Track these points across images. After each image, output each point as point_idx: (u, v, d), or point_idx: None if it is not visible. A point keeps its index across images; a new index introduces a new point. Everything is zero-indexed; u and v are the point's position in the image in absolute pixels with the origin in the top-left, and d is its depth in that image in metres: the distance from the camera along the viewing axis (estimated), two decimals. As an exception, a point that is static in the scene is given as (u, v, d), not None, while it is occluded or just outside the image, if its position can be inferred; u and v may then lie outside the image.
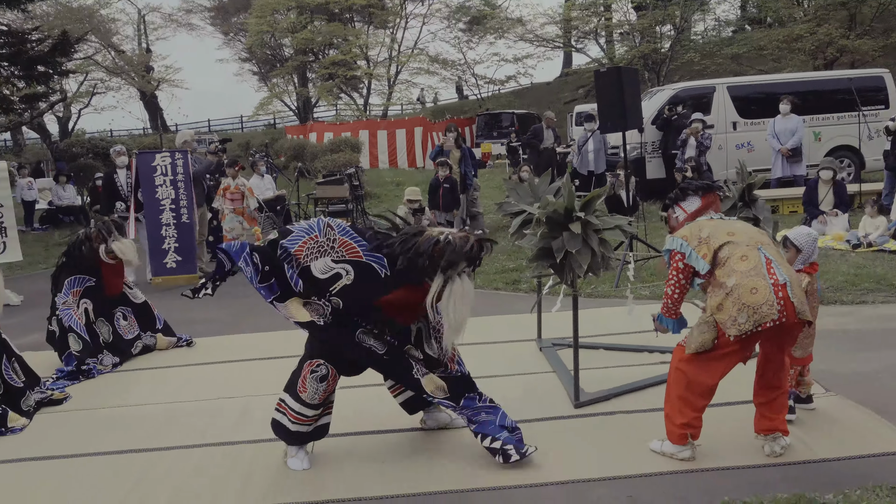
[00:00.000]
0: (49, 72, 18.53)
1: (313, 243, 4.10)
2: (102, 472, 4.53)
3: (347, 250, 4.10)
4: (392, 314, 4.24)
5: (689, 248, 4.19)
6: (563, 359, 5.98)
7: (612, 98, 9.06)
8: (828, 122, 14.65)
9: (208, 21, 42.43)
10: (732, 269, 4.03)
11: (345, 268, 4.08)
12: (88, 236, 6.83)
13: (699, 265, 4.15)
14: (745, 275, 3.97)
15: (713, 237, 4.17)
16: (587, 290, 8.28)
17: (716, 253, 4.12)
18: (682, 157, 13.10)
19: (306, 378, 4.34)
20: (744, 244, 4.11)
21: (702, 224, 4.33)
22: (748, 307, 3.90)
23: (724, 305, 3.99)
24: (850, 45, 23.92)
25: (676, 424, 4.22)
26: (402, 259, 4.02)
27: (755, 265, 4.00)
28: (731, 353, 4.09)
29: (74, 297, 6.73)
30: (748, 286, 3.93)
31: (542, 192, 5.67)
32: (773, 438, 4.26)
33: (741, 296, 3.93)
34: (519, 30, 33.48)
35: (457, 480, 4.17)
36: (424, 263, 3.97)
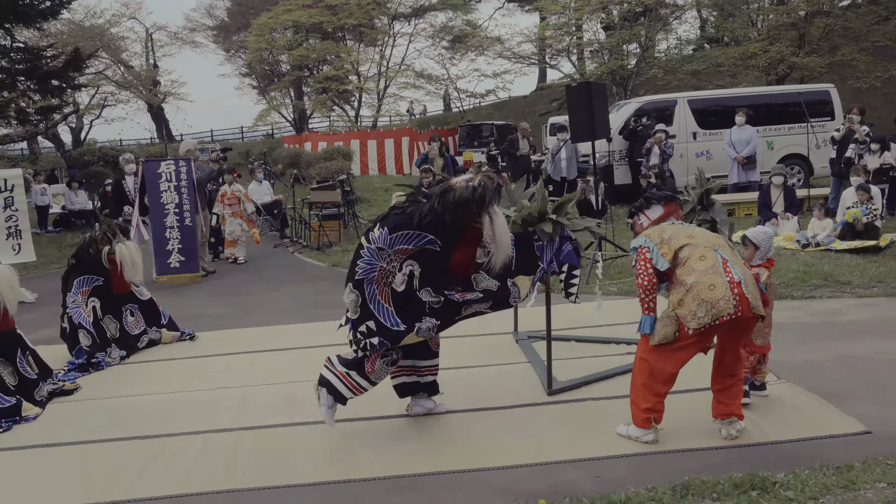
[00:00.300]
0: (62, 86, 18.42)
1: (382, 272, 4.21)
2: (112, 458, 4.48)
3: (403, 254, 4.20)
4: (458, 271, 4.33)
5: (653, 245, 4.23)
6: (537, 350, 5.98)
7: (582, 111, 9.05)
8: (779, 132, 14.73)
9: (211, 39, 42.28)
10: (692, 268, 4.07)
11: (410, 265, 4.21)
12: (94, 239, 6.76)
13: (660, 263, 4.17)
14: (704, 273, 4.02)
15: (674, 239, 4.21)
16: (559, 286, 8.25)
17: (676, 253, 4.16)
18: (647, 164, 13.14)
19: (376, 361, 4.40)
20: (702, 246, 4.16)
21: (664, 227, 4.37)
22: (706, 302, 3.94)
23: (684, 301, 4.03)
24: (800, 62, 24.05)
25: (641, 409, 4.23)
26: (448, 216, 4.15)
27: (713, 264, 4.05)
28: (691, 345, 4.11)
29: (83, 295, 6.66)
30: (706, 283, 3.98)
31: (518, 196, 5.66)
32: (729, 422, 4.28)
33: (700, 292, 3.97)
34: (498, 47, 33.46)
35: (439, 463, 4.16)
36: (472, 210, 4.17)
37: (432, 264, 4.24)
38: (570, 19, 28.95)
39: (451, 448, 4.35)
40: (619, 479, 3.83)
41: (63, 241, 15.00)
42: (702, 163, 13.72)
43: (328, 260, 11.39)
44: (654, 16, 27.60)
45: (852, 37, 25.22)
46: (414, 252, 4.21)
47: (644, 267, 4.26)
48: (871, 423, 4.34)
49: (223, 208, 11.64)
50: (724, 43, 30.02)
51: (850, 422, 4.37)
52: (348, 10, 32.38)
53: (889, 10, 24.74)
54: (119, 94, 37.34)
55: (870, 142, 11.32)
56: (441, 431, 4.61)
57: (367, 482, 3.99)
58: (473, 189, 4.15)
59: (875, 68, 24.33)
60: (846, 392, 4.86)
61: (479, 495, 3.79)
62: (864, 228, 9.47)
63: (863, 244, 9.23)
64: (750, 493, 3.52)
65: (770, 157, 14.26)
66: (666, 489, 3.62)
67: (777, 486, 3.57)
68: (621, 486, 3.73)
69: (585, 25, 29.34)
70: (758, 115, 14.08)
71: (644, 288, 4.26)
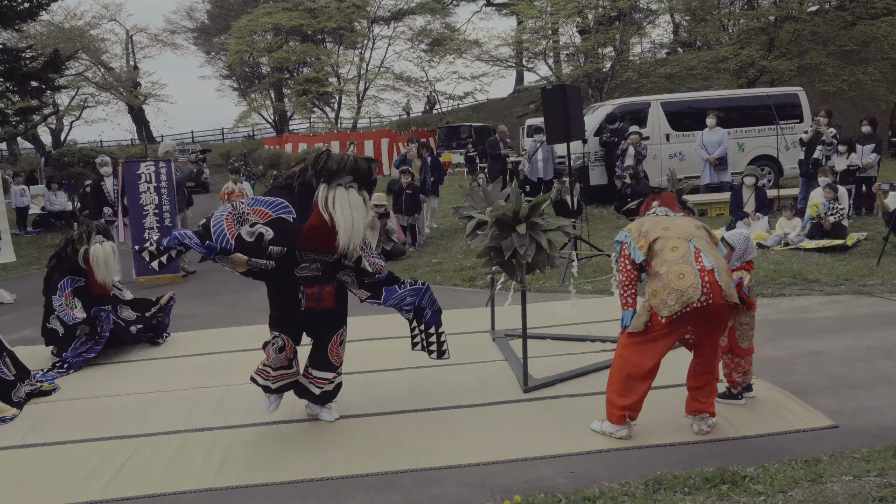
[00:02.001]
0: (42, 87, 18.17)
1: (232, 217, 4.31)
2: (89, 458, 4.41)
3: (260, 216, 4.31)
4: (312, 244, 4.40)
5: (631, 239, 4.31)
6: (513, 348, 5.98)
7: (557, 112, 9.06)
8: (750, 134, 14.85)
9: (191, 41, 41.99)
10: (664, 259, 4.13)
11: (264, 228, 4.29)
12: (72, 239, 6.66)
13: (636, 255, 4.25)
14: (674, 263, 4.07)
15: (650, 231, 4.28)
16: (535, 285, 8.29)
17: (651, 245, 4.22)
18: (622, 165, 13.20)
19: (269, 349, 4.54)
20: (675, 237, 4.21)
21: (644, 220, 4.45)
22: (676, 290, 3.98)
23: (656, 291, 4.08)
24: (770, 66, 24.30)
25: (616, 407, 4.23)
26: (296, 185, 4.36)
27: (684, 254, 4.09)
28: (665, 335, 4.14)
29: (68, 298, 6.54)
30: (676, 272, 4.03)
31: (494, 197, 5.66)
32: (700, 418, 4.31)
33: (670, 281, 4.02)
34: (476, 51, 33.50)
35: (416, 460, 4.14)
36: (310, 177, 4.33)
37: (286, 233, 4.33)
38: (547, 23, 29.05)
39: (428, 445, 4.33)
40: (592, 475, 3.84)
41: (42, 242, 14.80)
42: (675, 164, 13.82)
43: (308, 260, 11.30)
44: (628, 20, 27.78)
45: (820, 41, 25.54)
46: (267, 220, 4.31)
47: (623, 263, 4.32)
48: (837, 417, 4.38)
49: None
50: (697, 47, 30.26)
51: (817, 416, 4.42)
52: (328, 13, 32.29)
53: (855, 15, 25.08)
54: (99, 95, 37.07)
55: (837, 143, 11.44)
56: (418, 429, 4.59)
57: (344, 479, 3.97)
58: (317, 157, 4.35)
59: (842, 72, 24.66)
60: (814, 387, 4.91)
61: (455, 491, 3.77)
62: (832, 228, 9.57)
63: (830, 243, 9.33)
64: (720, 487, 3.53)
65: (741, 158, 14.37)
66: (639, 484, 3.63)
67: (747, 479, 3.59)
68: (595, 481, 3.74)
69: (561, 29, 29.46)
70: (729, 118, 14.18)
71: (622, 283, 4.31)
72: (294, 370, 4.67)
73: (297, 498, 3.82)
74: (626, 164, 13.02)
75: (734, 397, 4.76)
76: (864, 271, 8.10)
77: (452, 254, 10.78)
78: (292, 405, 4.98)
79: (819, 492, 3.38)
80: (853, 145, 11.49)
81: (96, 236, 6.67)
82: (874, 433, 4.15)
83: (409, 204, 11.47)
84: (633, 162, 12.97)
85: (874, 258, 8.56)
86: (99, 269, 6.55)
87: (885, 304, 6.95)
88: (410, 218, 11.54)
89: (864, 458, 3.76)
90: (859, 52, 25.35)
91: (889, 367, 5.23)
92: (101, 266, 6.55)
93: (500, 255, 4.81)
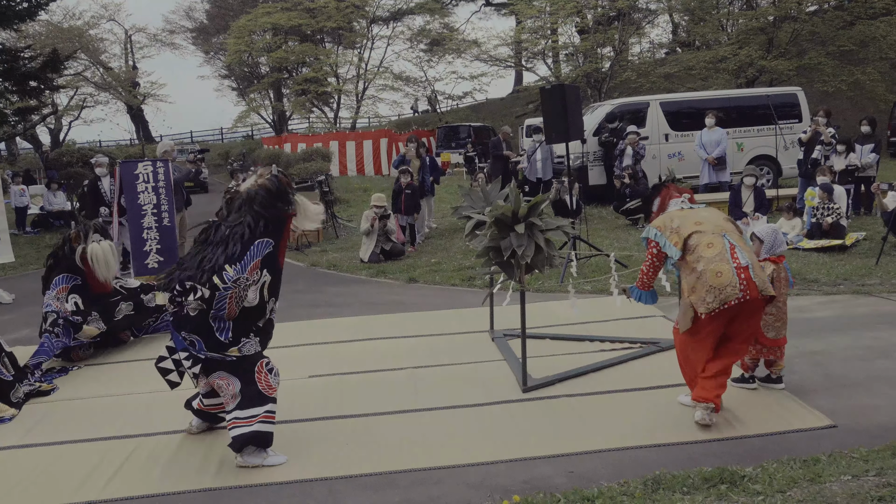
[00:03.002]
0: (41, 87, 18.16)
1: (236, 296, 4.09)
2: (87, 458, 4.41)
3: (255, 269, 4.12)
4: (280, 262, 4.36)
5: (663, 237, 4.42)
6: (512, 348, 5.98)
7: (556, 112, 9.06)
8: (749, 134, 14.85)
9: (190, 41, 41.90)
10: (700, 255, 4.26)
11: (264, 276, 4.17)
12: (69, 237, 6.66)
13: (671, 252, 4.38)
14: (711, 260, 4.20)
15: (682, 227, 4.39)
16: (535, 285, 8.29)
17: (686, 241, 4.34)
18: (621, 165, 13.20)
19: (267, 379, 4.28)
20: (710, 232, 4.34)
21: (673, 215, 4.56)
22: (714, 288, 4.13)
23: (696, 288, 4.23)
24: (768, 66, 24.29)
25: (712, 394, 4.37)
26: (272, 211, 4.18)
27: (720, 251, 4.23)
28: (710, 328, 4.27)
29: (62, 292, 6.55)
30: (714, 270, 4.16)
31: (493, 197, 5.66)
32: (705, 407, 4.35)
33: (708, 279, 4.16)
34: (475, 50, 33.46)
35: (416, 460, 4.14)
36: (285, 196, 4.24)
37: (274, 266, 4.23)
38: (546, 23, 29.04)
39: (427, 445, 4.33)
40: (591, 475, 3.84)
41: (41, 241, 14.80)
42: (674, 164, 13.81)
43: (306, 260, 11.33)
44: (627, 20, 27.75)
45: (819, 41, 25.54)
46: (262, 261, 4.15)
47: (651, 259, 4.56)
48: (836, 417, 4.38)
49: None
50: (696, 47, 30.27)
51: (816, 416, 4.42)
52: (327, 13, 32.25)
53: (854, 15, 25.08)
54: (98, 95, 36.96)
55: (836, 143, 11.45)
56: (417, 429, 4.58)
57: (343, 479, 3.96)
58: (276, 178, 4.23)
59: (841, 72, 24.64)
60: (813, 387, 4.91)
61: (454, 491, 3.77)
62: (831, 228, 9.58)
63: (829, 243, 9.34)
64: (719, 487, 3.53)
65: (740, 158, 14.38)
66: (638, 483, 3.63)
67: (746, 479, 3.58)
68: (594, 481, 3.74)
69: (560, 29, 29.44)
70: (728, 118, 14.18)
71: (645, 275, 4.59)
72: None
73: (296, 498, 3.81)
74: (625, 163, 13.02)
75: (746, 381, 4.94)
76: (862, 271, 8.11)
77: (451, 253, 10.78)
78: (290, 405, 4.98)
79: (818, 491, 3.38)
80: (852, 145, 11.49)
81: (93, 235, 6.66)
82: (873, 433, 4.15)
83: (409, 204, 11.46)
84: (631, 162, 12.97)
85: (873, 258, 8.57)
86: (99, 267, 6.54)
87: (883, 303, 6.96)
88: (409, 218, 11.54)
89: (862, 458, 3.76)
90: (858, 52, 25.34)
91: (888, 367, 5.23)
92: (101, 264, 6.53)
93: (498, 255, 4.81)
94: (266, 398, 4.23)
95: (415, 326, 6.89)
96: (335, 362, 5.98)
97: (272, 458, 4.21)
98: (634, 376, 5.27)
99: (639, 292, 4.80)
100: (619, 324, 6.60)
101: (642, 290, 4.77)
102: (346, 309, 7.91)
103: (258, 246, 4.14)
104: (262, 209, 4.16)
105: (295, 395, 5.18)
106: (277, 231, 4.23)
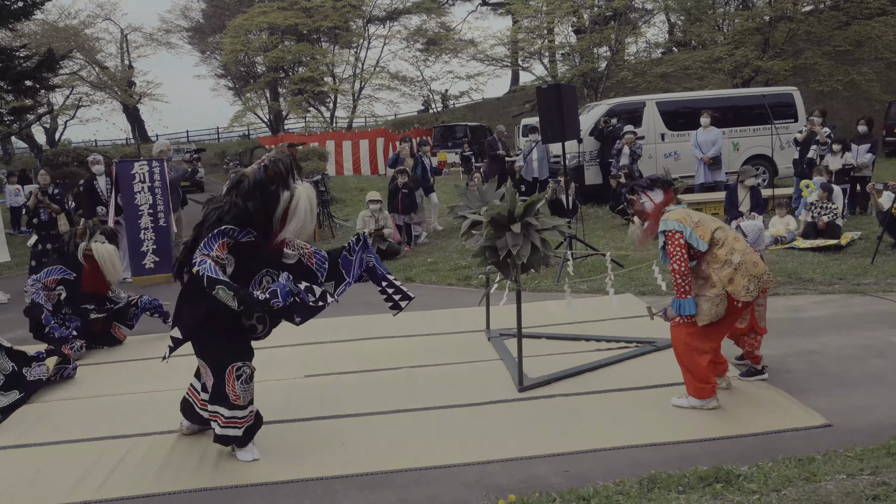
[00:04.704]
0: (36, 86, 18.16)
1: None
2: (82, 458, 4.40)
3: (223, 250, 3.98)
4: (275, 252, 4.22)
5: (688, 228, 4.45)
6: (508, 347, 5.98)
7: (552, 112, 9.06)
8: (745, 133, 14.87)
9: (186, 40, 41.88)
10: (733, 248, 4.43)
11: (228, 259, 4.00)
12: (75, 232, 6.70)
13: (699, 244, 4.44)
14: (745, 252, 4.44)
15: (703, 223, 4.50)
16: (531, 284, 8.30)
17: (713, 234, 4.45)
18: (617, 164, 13.21)
19: (234, 384, 4.13)
20: (727, 228, 4.58)
21: (689, 212, 4.65)
22: (755, 277, 4.39)
23: (734, 279, 4.38)
24: (764, 66, 24.34)
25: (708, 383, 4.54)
26: (251, 204, 3.98)
27: (745, 245, 4.50)
28: (733, 317, 4.54)
29: (51, 283, 6.60)
30: (751, 261, 4.42)
31: (489, 196, 5.66)
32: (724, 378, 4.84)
33: (748, 269, 4.39)
34: (471, 50, 33.55)
35: (411, 459, 4.14)
36: (271, 188, 3.99)
37: (251, 256, 4.08)
38: (542, 23, 29.10)
39: (423, 444, 4.33)
40: (587, 474, 3.84)
41: (37, 241, 14.75)
42: (670, 163, 13.82)
43: (303, 259, 11.31)
44: (623, 20, 27.81)
45: (815, 41, 25.61)
46: (231, 245, 4.01)
47: (678, 251, 4.44)
48: (831, 416, 4.39)
49: None
50: (692, 47, 30.33)
51: (811, 415, 4.42)
52: (323, 12, 32.26)
53: (849, 15, 25.14)
54: (94, 94, 36.87)
55: (831, 143, 11.48)
56: (413, 428, 4.58)
57: (339, 479, 3.96)
58: (265, 168, 4.01)
59: (836, 72, 24.71)
60: (808, 386, 4.92)
61: (450, 491, 3.77)
62: (826, 227, 9.60)
63: (825, 243, 9.36)
64: (714, 486, 3.54)
65: (735, 157, 14.39)
66: (633, 483, 3.63)
67: (741, 478, 3.59)
68: (590, 480, 3.74)
69: (557, 29, 29.53)
70: (724, 117, 14.20)
71: (681, 273, 4.45)
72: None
73: (291, 497, 3.81)
74: (622, 163, 13.03)
75: (759, 373, 5.06)
76: (858, 270, 8.12)
77: (448, 253, 10.78)
78: (286, 405, 4.98)
79: (813, 490, 3.40)
80: (847, 145, 11.52)
81: (99, 236, 6.69)
82: (868, 432, 4.16)
83: (405, 203, 11.46)
84: (628, 161, 12.98)
85: (868, 257, 8.59)
86: (106, 267, 6.59)
87: (878, 303, 6.97)
88: (406, 217, 11.54)
89: (857, 457, 3.77)
90: (853, 52, 25.41)
91: (883, 366, 5.25)
92: (108, 264, 6.59)
93: (495, 254, 4.81)
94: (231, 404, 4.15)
95: (411, 326, 6.89)
96: (331, 362, 5.98)
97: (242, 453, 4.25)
98: (630, 376, 5.28)
99: (680, 302, 4.44)
100: (615, 323, 6.61)
101: (683, 300, 4.42)
102: (342, 308, 7.88)
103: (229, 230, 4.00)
104: (240, 198, 4.01)
105: (291, 395, 5.18)
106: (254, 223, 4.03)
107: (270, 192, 4.01)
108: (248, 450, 4.26)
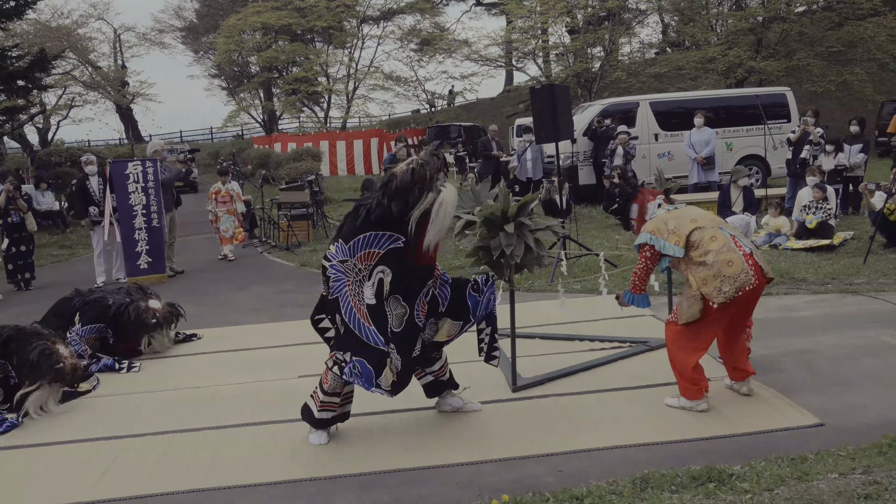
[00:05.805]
0: (28, 86, 18.10)
1: (349, 286, 4.10)
2: (75, 459, 4.39)
3: (369, 259, 4.06)
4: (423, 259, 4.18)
5: (660, 240, 4.52)
6: (502, 347, 5.97)
7: (546, 112, 9.08)
8: (738, 134, 14.93)
9: (180, 40, 41.85)
10: (707, 249, 4.38)
11: (381, 273, 4.06)
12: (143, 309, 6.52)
13: (674, 251, 4.47)
14: (719, 252, 4.34)
15: (680, 227, 4.50)
16: (525, 284, 8.31)
17: (688, 238, 4.44)
18: (610, 164, 13.23)
19: (328, 370, 4.33)
20: (709, 227, 4.49)
21: (665, 217, 4.66)
22: (729, 278, 4.27)
23: (707, 280, 4.32)
24: (757, 66, 24.39)
25: (697, 384, 4.49)
26: (395, 204, 3.97)
27: (724, 242, 4.38)
28: (716, 320, 4.40)
29: (90, 340, 6.34)
30: (724, 260, 4.31)
31: (483, 197, 5.66)
32: (744, 382, 4.70)
33: (721, 269, 4.29)
34: (465, 50, 33.51)
35: (405, 460, 4.14)
36: (416, 191, 3.97)
37: (401, 264, 4.09)
38: (536, 23, 29.08)
39: (417, 444, 4.33)
40: (580, 474, 3.84)
41: (29, 241, 14.69)
42: (663, 163, 13.87)
43: (296, 260, 11.32)
44: (617, 20, 27.84)
45: (808, 42, 25.67)
46: (382, 255, 4.05)
47: (644, 263, 4.64)
48: (824, 415, 4.40)
49: (216, 206, 11.74)
50: (685, 47, 30.36)
51: (804, 415, 4.43)
52: (317, 12, 32.23)
53: (842, 16, 25.21)
54: (87, 94, 36.75)
55: (824, 143, 11.52)
56: (407, 428, 4.59)
57: (333, 479, 3.96)
58: (412, 171, 3.98)
59: (829, 72, 24.79)
60: (801, 386, 4.94)
61: (443, 491, 3.77)
62: (819, 227, 9.63)
63: (817, 243, 9.38)
64: (707, 486, 3.55)
65: (729, 157, 14.44)
66: (626, 482, 3.63)
67: (734, 478, 3.60)
68: (583, 480, 3.74)
69: (551, 29, 29.50)
70: (717, 117, 14.26)
71: (638, 274, 4.67)
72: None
73: (285, 498, 3.81)
74: (615, 163, 13.05)
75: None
76: (850, 270, 8.15)
77: (441, 253, 10.73)
78: (279, 405, 4.97)
79: (805, 489, 3.41)
80: (840, 145, 11.57)
81: (169, 331, 6.74)
82: (860, 431, 4.17)
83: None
84: (621, 161, 13.00)
85: (861, 257, 8.62)
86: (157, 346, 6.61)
87: (871, 302, 7.00)
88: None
89: (849, 456, 3.78)
90: (846, 53, 25.50)
91: (875, 365, 5.26)
92: (158, 349, 6.65)
93: (488, 254, 4.82)
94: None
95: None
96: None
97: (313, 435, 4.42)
98: (624, 376, 5.28)
99: (632, 296, 4.84)
100: (609, 323, 6.62)
101: (635, 294, 4.81)
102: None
103: (377, 236, 4.04)
104: (386, 198, 3.99)
105: (285, 395, 5.17)
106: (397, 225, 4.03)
107: (416, 193, 4.00)
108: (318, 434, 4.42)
